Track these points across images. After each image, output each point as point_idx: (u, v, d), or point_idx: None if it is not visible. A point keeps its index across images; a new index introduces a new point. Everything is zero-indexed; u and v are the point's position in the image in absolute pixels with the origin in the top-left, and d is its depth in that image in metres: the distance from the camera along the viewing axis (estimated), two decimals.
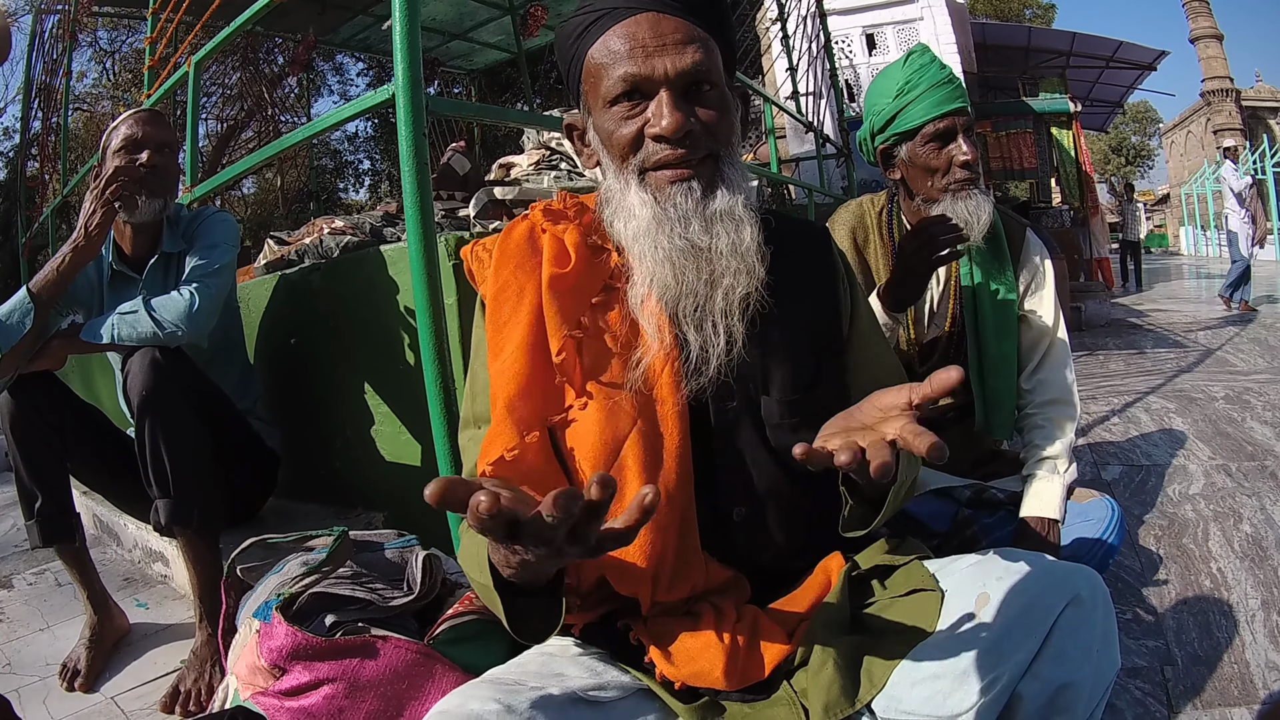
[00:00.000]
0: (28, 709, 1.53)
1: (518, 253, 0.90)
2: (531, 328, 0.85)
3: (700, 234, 0.82)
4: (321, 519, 1.98)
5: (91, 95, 12.39)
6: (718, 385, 0.86)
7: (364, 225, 2.71)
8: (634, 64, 0.81)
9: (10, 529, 2.74)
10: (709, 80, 0.83)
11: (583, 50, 0.85)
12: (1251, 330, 5.81)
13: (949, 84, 1.42)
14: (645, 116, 0.82)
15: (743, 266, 0.83)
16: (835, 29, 7.77)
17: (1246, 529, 2.01)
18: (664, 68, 0.81)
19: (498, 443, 0.81)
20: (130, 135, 1.75)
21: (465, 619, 1.00)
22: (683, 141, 0.81)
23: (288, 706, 0.94)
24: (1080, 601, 0.73)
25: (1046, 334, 1.52)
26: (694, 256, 0.82)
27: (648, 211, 0.83)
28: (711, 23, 0.85)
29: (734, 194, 0.84)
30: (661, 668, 0.80)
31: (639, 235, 0.83)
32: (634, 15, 0.82)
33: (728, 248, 0.82)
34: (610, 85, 0.82)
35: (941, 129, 1.42)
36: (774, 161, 5.05)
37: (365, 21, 6.39)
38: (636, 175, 0.84)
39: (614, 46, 0.82)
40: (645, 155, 0.83)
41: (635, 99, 0.82)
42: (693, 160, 0.83)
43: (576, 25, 0.86)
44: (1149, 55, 11.51)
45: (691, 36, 0.82)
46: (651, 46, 0.81)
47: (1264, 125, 27.97)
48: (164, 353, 1.57)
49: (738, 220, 0.83)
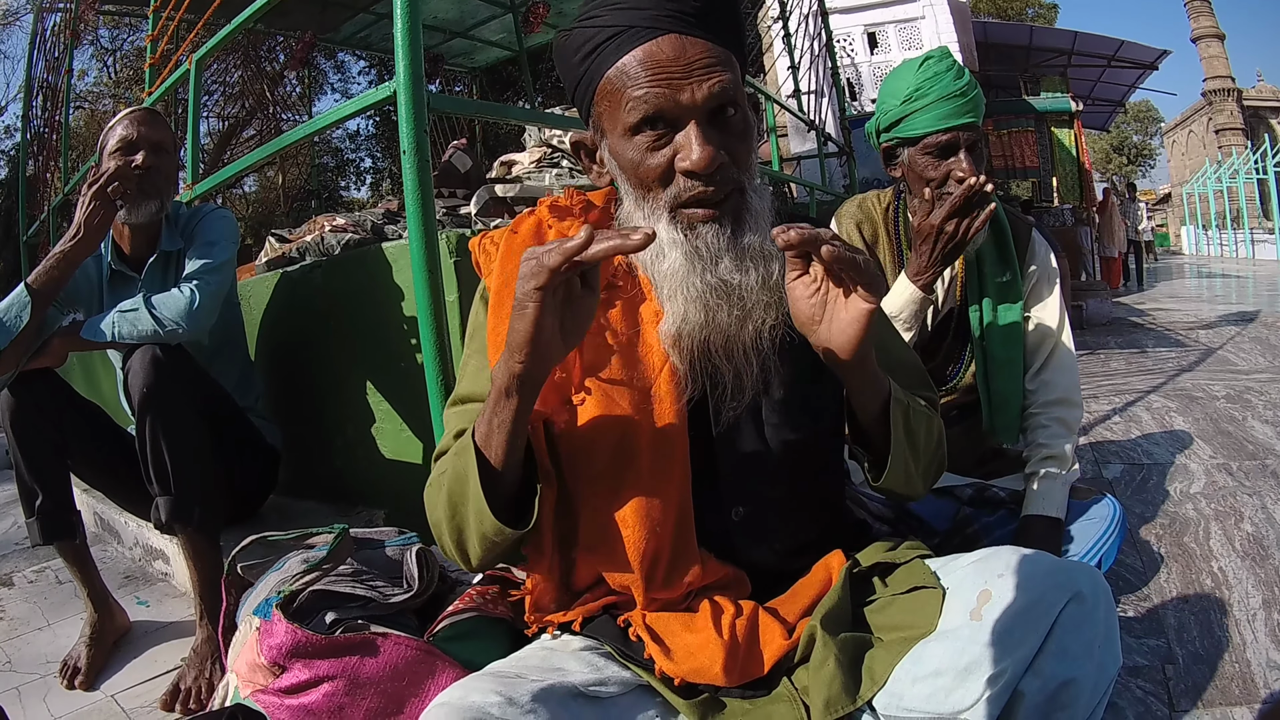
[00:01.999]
0: (28, 707, 1.53)
1: (524, 246, 0.90)
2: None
3: (732, 271, 0.80)
4: (322, 516, 1.98)
5: (93, 93, 12.39)
6: (716, 381, 0.86)
7: (365, 223, 2.70)
8: (659, 93, 0.77)
9: (11, 526, 2.74)
10: (734, 103, 0.80)
11: (597, 70, 0.81)
12: (1253, 329, 5.80)
13: (960, 97, 1.38)
14: (673, 148, 0.79)
15: (772, 300, 0.82)
16: (837, 27, 7.77)
17: (1248, 528, 2.01)
18: (692, 96, 0.77)
19: None
20: (126, 136, 1.75)
21: (465, 615, 0.99)
22: (713, 178, 0.79)
23: (288, 704, 0.94)
24: (1082, 599, 0.73)
25: (1051, 335, 1.52)
26: (725, 295, 0.81)
27: (679, 253, 0.80)
28: (731, 39, 0.82)
29: (762, 226, 0.82)
30: (661, 664, 0.80)
31: (669, 276, 0.81)
32: (655, 37, 0.78)
33: (758, 283, 0.81)
34: (633, 112, 0.79)
35: (944, 142, 1.40)
36: (775, 160, 5.05)
37: (367, 19, 6.38)
38: (667, 212, 0.81)
39: (636, 71, 0.78)
40: (677, 191, 0.80)
41: (660, 128, 0.79)
42: (720, 198, 0.80)
43: (586, 41, 0.82)
44: (1151, 54, 11.51)
45: (715, 59, 0.79)
46: (677, 73, 0.77)
47: (1265, 125, 27.94)
48: (165, 350, 1.57)
49: (767, 255, 0.82)
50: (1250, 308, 7.49)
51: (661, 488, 0.83)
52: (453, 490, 0.81)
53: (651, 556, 0.82)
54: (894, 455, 0.85)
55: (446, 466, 0.83)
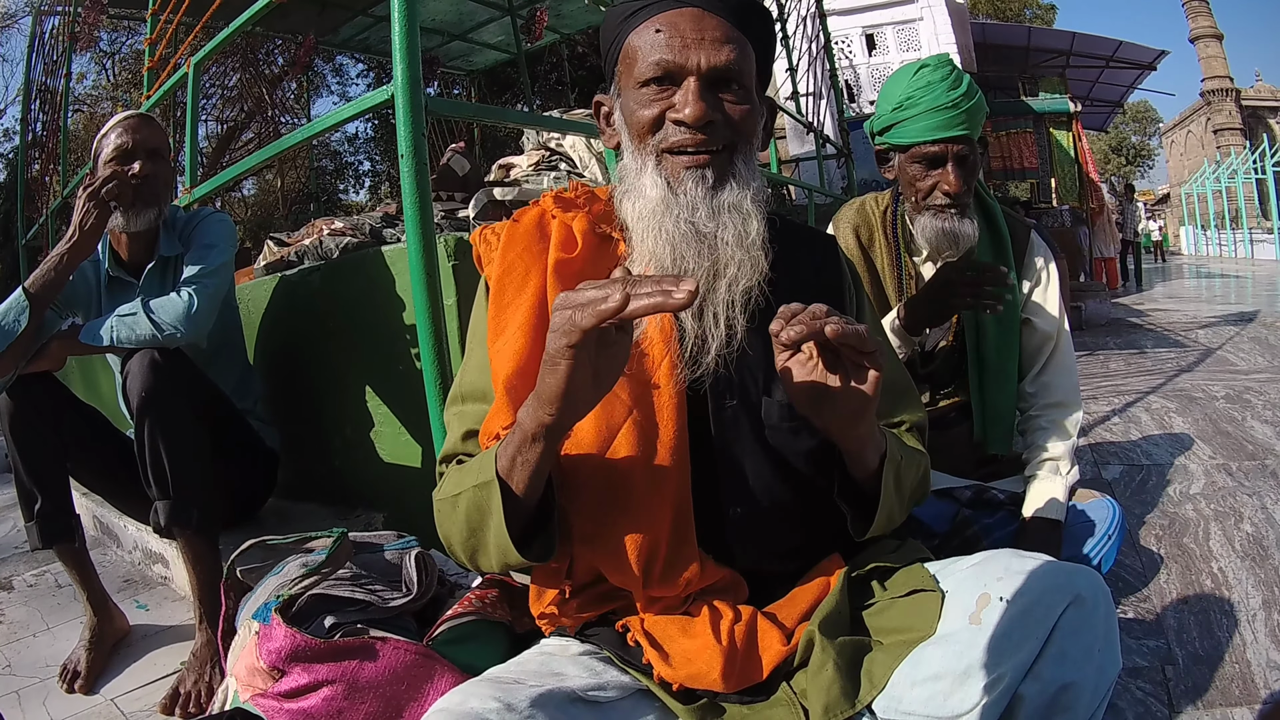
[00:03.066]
0: (27, 710, 1.53)
1: (526, 236, 0.91)
2: (534, 309, 0.86)
3: (706, 220, 0.83)
4: (321, 520, 1.97)
5: (91, 96, 12.40)
6: (716, 379, 0.86)
7: (364, 226, 2.71)
8: (670, 51, 0.83)
9: (10, 530, 2.74)
10: (739, 80, 0.85)
11: (625, 33, 0.87)
12: (1252, 329, 5.81)
13: (952, 109, 1.36)
14: (671, 101, 0.84)
15: (747, 258, 0.83)
16: (835, 29, 7.77)
17: (1247, 528, 2.01)
18: (698, 60, 0.82)
19: (496, 420, 0.83)
20: (121, 145, 1.74)
21: (464, 619, 0.99)
22: (703, 129, 0.83)
23: (287, 708, 0.94)
24: (1081, 602, 0.73)
25: (1050, 337, 1.52)
26: (696, 242, 0.83)
27: (657, 193, 0.84)
28: (753, 30, 0.87)
29: (745, 188, 0.85)
30: (659, 669, 0.80)
31: (644, 215, 0.85)
32: (680, 8, 0.84)
33: (733, 238, 0.83)
34: (644, 68, 0.84)
35: (931, 154, 1.39)
36: (774, 162, 5.06)
37: (365, 22, 6.39)
38: (654, 157, 0.85)
39: (654, 32, 0.84)
40: (664, 136, 0.85)
41: (665, 84, 0.84)
42: (709, 149, 0.84)
43: (624, 10, 0.88)
44: (1149, 55, 11.53)
45: (730, 37, 0.84)
46: (690, 38, 0.83)
47: (1264, 125, 27.98)
48: (163, 354, 1.57)
49: (745, 213, 0.84)
50: (1249, 308, 7.49)
51: (659, 482, 0.83)
52: (471, 517, 0.79)
53: (649, 551, 0.82)
54: (881, 509, 0.85)
55: (462, 490, 0.80)
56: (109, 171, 1.68)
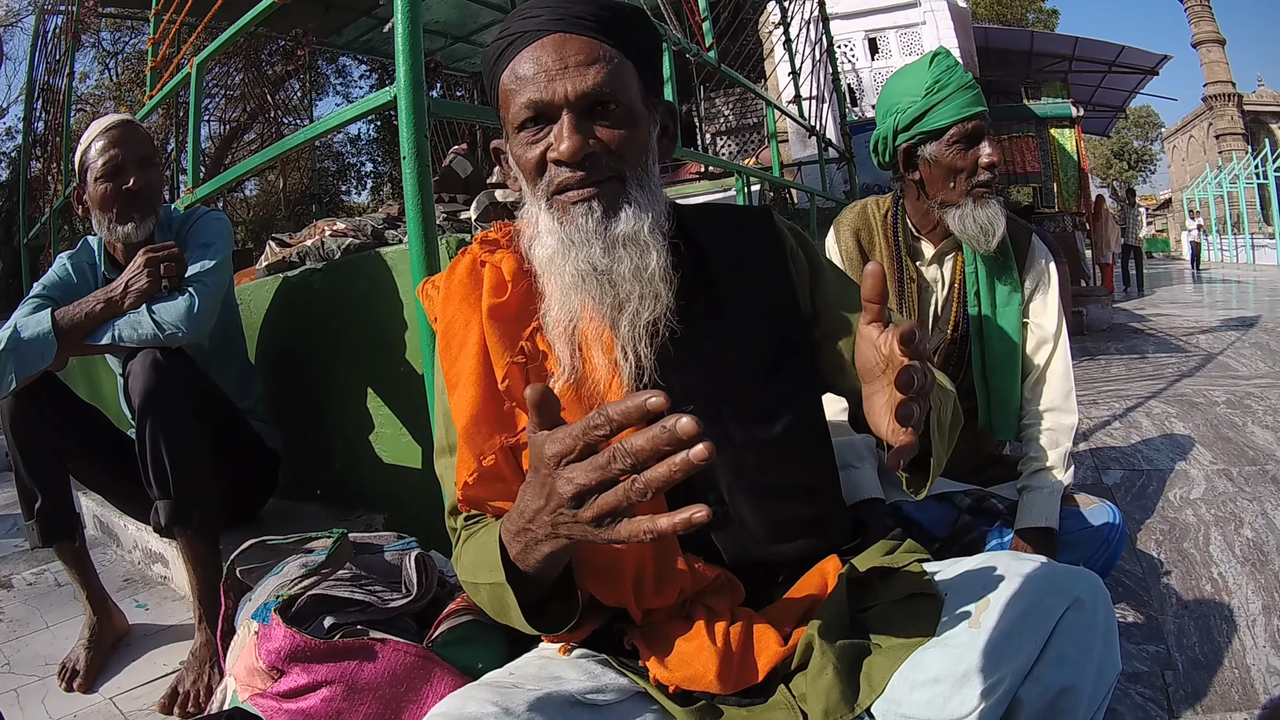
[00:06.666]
0: (26, 709, 1.53)
1: (460, 287, 0.91)
2: (479, 358, 0.87)
3: (600, 257, 0.81)
4: (321, 520, 1.97)
5: (94, 96, 12.43)
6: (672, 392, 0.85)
7: (365, 227, 2.70)
8: (536, 88, 0.81)
9: (10, 529, 2.74)
10: (614, 99, 0.82)
11: (498, 76, 0.86)
12: (1253, 335, 5.81)
13: (973, 87, 1.44)
14: (549, 140, 0.82)
15: (648, 291, 0.82)
16: (838, 33, 7.79)
17: (1247, 534, 2.01)
18: (564, 91, 0.80)
19: (461, 470, 0.85)
20: (110, 160, 1.71)
21: (463, 620, 1.00)
22: (582, 164, 0.81)
23: (286, 708, 0.94)
24: (1081, 605, 0.73)
25: (1048, 341, 1.52)
26: (595, 281, 0.82)
27: (554, 239, 0.83)
28: (623, 40, 0.84)
29: (641, 216, 0.83)
30: (655, 671, 0.80)
31: (545, 262, 0.84)
32: (541, 39, 0.82)
33: (630, 272, 0.82)
34: (517, 111, 0.83)
35: (969, 130, 1.42)
36: (776, 165, 5.06)
37: (368, 23, 6.41)
38: (545, 200, 0.84)
39: (521, 72, 0.82)
40: (550, 178, 0.83)
41: (541, 124, 0.82)
42: (595, 180, 0.82)
43: (493, 51, 0.86)
44: (1151, 60, 11.55)
45: (596, 56, 0.81)
46: (554, 70, 0.80)
47: (1266, 130, 27.98)
48: (165, 353, 1.57)
49: (642, 245, 0.82)
50: (1251, 313, 7.50)
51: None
52: (493, 606, 0.79)
53: (635, 570, 0.82)
54: (934, 465, 0.82)
55: (479, 581, 0.79)
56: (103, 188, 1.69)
